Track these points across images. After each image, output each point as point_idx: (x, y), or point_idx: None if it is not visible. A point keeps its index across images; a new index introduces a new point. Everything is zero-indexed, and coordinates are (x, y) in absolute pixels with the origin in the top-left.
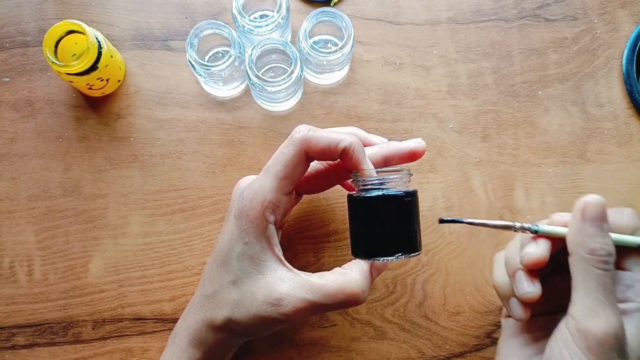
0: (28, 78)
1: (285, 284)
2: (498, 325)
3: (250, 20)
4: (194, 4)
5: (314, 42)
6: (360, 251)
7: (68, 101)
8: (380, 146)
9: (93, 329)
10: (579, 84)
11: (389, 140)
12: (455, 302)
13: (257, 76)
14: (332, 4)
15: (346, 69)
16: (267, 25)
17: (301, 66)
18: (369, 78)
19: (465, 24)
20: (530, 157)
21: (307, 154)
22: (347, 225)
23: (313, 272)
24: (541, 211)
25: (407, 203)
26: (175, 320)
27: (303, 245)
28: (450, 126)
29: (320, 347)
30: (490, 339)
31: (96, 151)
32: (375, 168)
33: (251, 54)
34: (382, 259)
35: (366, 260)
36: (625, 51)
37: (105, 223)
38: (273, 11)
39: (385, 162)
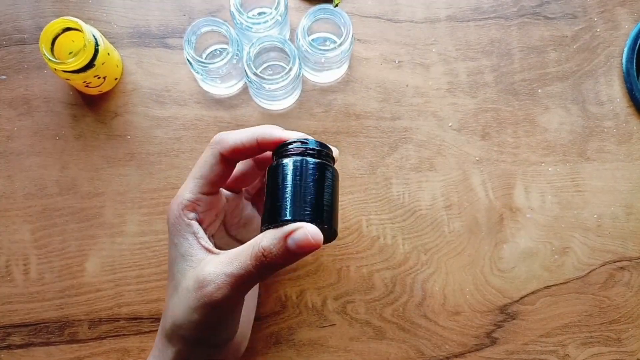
0: (25, 76)
1: (209, 266)
2: (498, 325)
3: (248, 18)
4: (191, 1)
5: (312, 40)
6: (265, 217)
7: (65, 99)
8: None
9: (89, 328)
10: (579, 82)
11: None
12: (455, 302)
13: (255, 74)
14: (334, 5)
15: (345, 66)
16: (265, 22)
17: (299, 64)
18: (367, 76)
19: (464, 21)
20: (530, 155)
21: (222, 155)
22: (346, 225)
23: (311, 271)
24: (541, 209)
25: (317, 173)
26: None
27: None
28: (450, 124)
29: (319, 347)
30: (490, 339)
31: (93, 149)
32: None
33: (249, 52)
34: (284, 220)
35: (270, 226)
36: (625, 49)
37: (102, 222)
38: (271, 8)
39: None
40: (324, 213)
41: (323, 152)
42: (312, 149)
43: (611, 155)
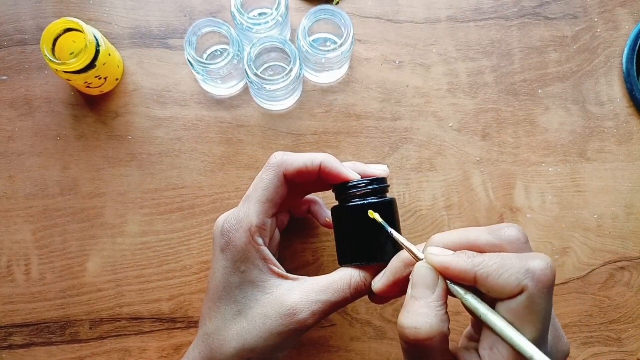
0: (26, 76)
1: (295, 293)
2: None
3: (249, 18)
4: (192, 2)
5: (313, 40)
6: (345, 258)
7: (66, 99)
8: (350, 166)
9: (90, 328)
10: (579, 82)
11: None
12: (455, 302)
13: (255, 74)
14: (334, 3)
15: (345, 67)
16: (265, 23)
17: (300, 64)
18: (368, 76)
19: (465, 22)
20: (530, 155)
21: (286, 176)
22: None
23: (312, 271)
24: (541, 209)
25: (386, 210)
26: (172, 320)
27: (302, 245)
28: (450, 125)
29: (320, 346)
30: None
31: (94, 149)
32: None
33: (250, 52)
34: (364, 263)
35: (350, 265)
36: (625, 49)
37: (102, 222)
38: (272, 9)
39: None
40: (393, 249)
41: (386, 187)
42: (380, 188)
43: (611, 155)
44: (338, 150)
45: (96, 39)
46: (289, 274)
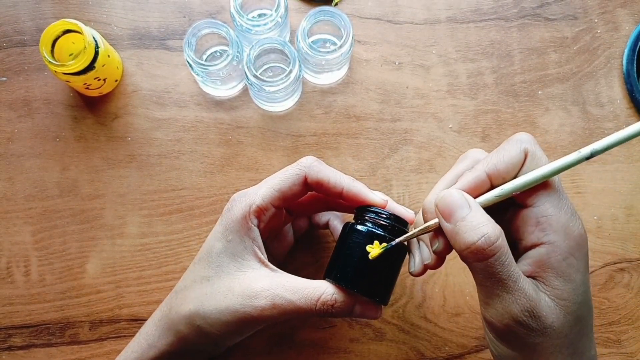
0: (25, 77)
1: (266, 280)
2: None
3: (248, 20)
4: (191, 3)
5: (312, 42)
6: (331, 273)
7: (65, 101)
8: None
9: (90, 330)
10: (579, 83)
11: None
12: (455, 303)
13: (255, 76)
14: (333, 3)
15: (345, 68)
16: (265, 24)
17: (300, 66)
18: (368, 77)
19: (464, 23)
20: None
21: (307, 179)
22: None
23: (312, 272)
24: None
25: (399, 254)
26: None
27: (301, 244)
28: (450, 126)
29: (319, 348)
30: None
31: (93, 151)
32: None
33: (249, 54)
34: (347, 288)
35: (333, 282)
36: (626, 51)
37: (102, 223)
38: (271, 10)
39: None
40: (389, 294)
41: (404, 231)
42: (398, 229)
43: (611, 156)
44: (338, 152)
45: (95, 41)
46: (269, 263)
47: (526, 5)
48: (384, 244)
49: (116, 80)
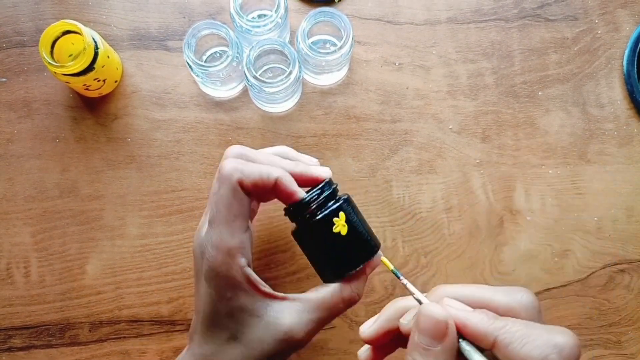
0: (25, 78)
1: (287, 315)
2: None
3: (248, 20)
4: (191, 4)
5: (312, 43)
6: (329, 275)
7: (65, 102)
8: (292, 171)
9: (90, 331)
10: (580, 84)
11: (318, 159)
12: None
13: (255, 77)
14: (336, 1)
15: (345, 69)
16: (265, 25)
17: (300, 67)
18: (368, 78)
19: (465, 23)
20: (531, 158)
21: (242, 187)
22: None
23: (312, 274)
24: (541, 212)
25: (348, 211)
26: (172, 322)
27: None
28: (450, 127)
29: (319, 349)
30: None
31: (93, 152)
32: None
33: (249, 55)
34: (352, 272)
35: (338, 281)
36: (626, 51)
37: (102, 224)
38: (271, 11)
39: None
40: (372, 243)
41: (337, 188)
42: (333, 191)
43: (612, 157)
44: (338, 153)
45: (95, 42)
46: (277, 293)
47: (526, 5)
48: (342, 215)
49: (116, 81)
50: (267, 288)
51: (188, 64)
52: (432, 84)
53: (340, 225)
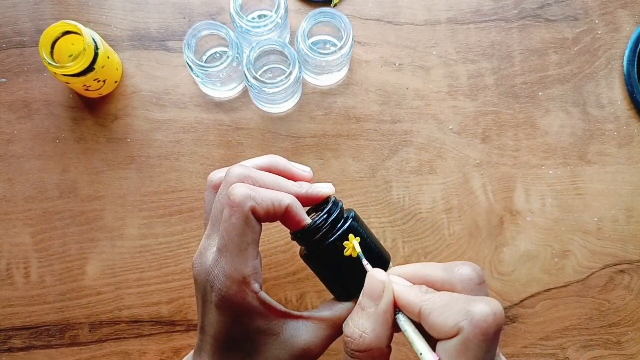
0: (24, 78)
1: (303, 333)
2: None
3: (248, 21)
4: (191, 4)
5: (312, 43)
6: (342, 295)
7: (65, 102)
8: (298, 193)
9: (90, 331)
10: (580, 84)
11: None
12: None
13: (255, 77)
14: (332, 4)
15: (345, 69)
16: (265, 25)
17: (300, 67)
18: (368, 79)
19: (465, 24)
20: (531, 158)
21: (254, 214)
22: None
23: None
24: (541, 212)
25: (358, 231)
26: (172, 323)
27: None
28: (450, 127)
29: None
30: None
31: (93, 152)
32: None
33: (249, 55)
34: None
35: (351, 299)
36: (626, 52)
37: (102, 225)
38: (271, 11)
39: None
40: (384, 256)
41: (342, 206)
42: (340, 211)
43: (612, 158)
44: (338, 153)
45: (95, 42)
46: (291, 311)
47: (527, 6)
48: (351, 237)
49: (116, 82)
50: (282, 308)
51: (188, 64)
52: (432, 84)
53: (350, 248)
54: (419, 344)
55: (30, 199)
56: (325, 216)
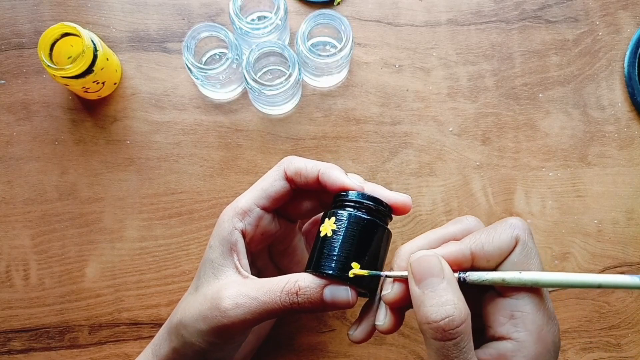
0: (24, 80)
1: (234, 286)
2: None
3: (247, 23)
4: (190, 6)
5: (312, 45)
6: (313, 263)
7: (64, 104)
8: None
9: (89, 333)
10: (580, 86)
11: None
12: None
13: (254, 80)
14: (335, 3)
15: (345, 71)
16: (264, 27)
17: (299, 69)
18: (367, 80)
19: (465, 25)
20: (531, 160)
21: (286, 173)
22: None
23: None
24: (541, 215)
25: (345, 224)
26: None
27: None
28: (450, 129)
29: (319, 352)
30: None
31: (92, 154)
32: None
33: (249, 57)
34: (308, 271)
35: (313, 272)
36: (627, 53)
37: (101, 227)
38: (271, 13)
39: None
40: (367, 278)
41: (379, 209)
42: (368, 205)
43: (612, 160)
44: (337, 155)
45: (94, 44)
46: (243, 271)
47: (527, 7)
48: (332, 219)
49: (115, 83)
50: (240, 262)
51: (187, 66)
52: (432, 86)
53: (326, 227)
54: (507, 275)
55: (29, 201)
56: (371, 198)
